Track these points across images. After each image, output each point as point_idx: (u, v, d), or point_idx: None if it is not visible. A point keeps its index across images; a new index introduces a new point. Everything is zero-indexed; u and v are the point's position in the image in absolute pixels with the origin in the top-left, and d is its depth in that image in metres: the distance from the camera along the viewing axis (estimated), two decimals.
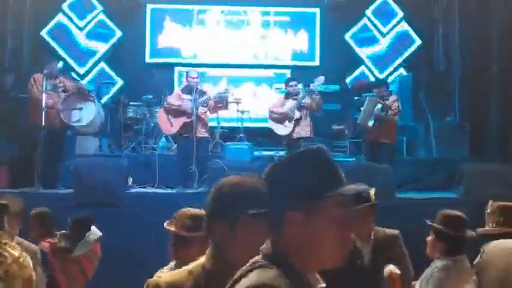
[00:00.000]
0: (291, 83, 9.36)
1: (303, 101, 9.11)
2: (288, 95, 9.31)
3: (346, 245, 1.69)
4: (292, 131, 9.13)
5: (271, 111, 9.27)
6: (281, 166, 1.71)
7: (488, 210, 4.13)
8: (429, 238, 3.90)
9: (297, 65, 12.69)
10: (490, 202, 4.12)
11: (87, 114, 8.51)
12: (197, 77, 8.90)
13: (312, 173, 1.67)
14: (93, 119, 8.54)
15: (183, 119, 8.74)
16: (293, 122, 9.12)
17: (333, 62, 12.42)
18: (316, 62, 12.73)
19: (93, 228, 5.28)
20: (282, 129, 9.18)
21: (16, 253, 3.44)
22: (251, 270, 1.65)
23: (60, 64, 9.81)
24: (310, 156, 1.71)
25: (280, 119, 9.18)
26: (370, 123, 8.98)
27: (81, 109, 8.57)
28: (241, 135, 10.29)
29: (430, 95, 10.93)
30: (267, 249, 1.70)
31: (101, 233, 5.29)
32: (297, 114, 9.12)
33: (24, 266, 3.43)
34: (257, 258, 1.70)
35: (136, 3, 12.57)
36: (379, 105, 8.91)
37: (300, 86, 9.38)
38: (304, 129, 9.15)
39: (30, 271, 3.47)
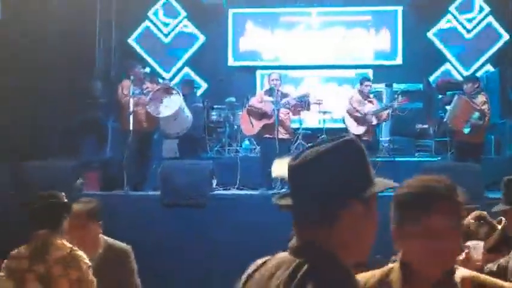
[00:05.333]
0: (366, 83, 9.33)
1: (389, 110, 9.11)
2: (363, 96, 9.27)
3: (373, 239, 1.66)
4: (364, 135, 9.10)
5: (355, 108, 9.22)
6: (330, 156, 1.61)
7: None
8: None
9: (379, 64, 12.56)
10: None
11: (171, 105, 8.72)
12: (278, 79, 8.97)
13: (366, 164, 1.64)
14: (177, 113, 8.71)
15: (264, 121, 8.83)
16: (366, 126, 9.10)
17: (415, 60, 12.20)
18: (399, 61, 12.55)
19: None
20: (355, 129, 9.15)
21: (63, 253, 3.41)
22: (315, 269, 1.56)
23: (147, 70, 10.11)
24: (357, 148, 1.65)
25: (360, 118, 9.16)
26: (466, 130, 8.66)
27: (166, 100, 8.78)
28: (323, 136, 10.27)
29: None
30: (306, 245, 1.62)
31: None
32: (374, 121, 9.12)
33: (70, 267, 3.38)
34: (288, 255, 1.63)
35: (219, 9, 12.79)
36: (477, 114, 8.62)
37: (383, 86, 9.31)
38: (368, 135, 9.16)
39: (77, 273, 3.39)
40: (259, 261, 1.76)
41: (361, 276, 2.07)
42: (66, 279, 3.37)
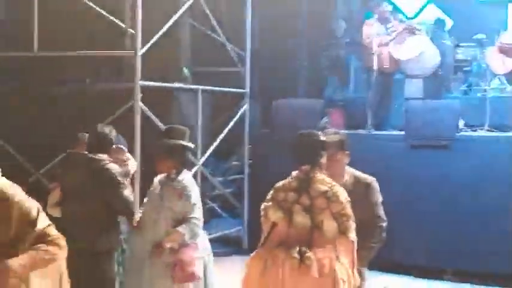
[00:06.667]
0: None
1: None
2: None
3: None
4: None
5: None
6: None
7: None
8: None
9: None
10: None
11: (414, 47, 8.58)
12: None
13: None
14: (422, 54, 8.55)
15: None
16: None
17: None
18: None
19: None
20: None
21: (324, 188, 3.64)
22: None
23: (390, 8, 9.95)
24: None
25: None
26: None
27: (409, 41, 8.64)
28: None
29: None
30: None
31: None
32: None
33: (332, 201, 3.61)
34: None
35: None
36: None
37: None
38: None
39: (339, 206, 3.61)
40: None
41: None
42: (329, 212, 3.60)
